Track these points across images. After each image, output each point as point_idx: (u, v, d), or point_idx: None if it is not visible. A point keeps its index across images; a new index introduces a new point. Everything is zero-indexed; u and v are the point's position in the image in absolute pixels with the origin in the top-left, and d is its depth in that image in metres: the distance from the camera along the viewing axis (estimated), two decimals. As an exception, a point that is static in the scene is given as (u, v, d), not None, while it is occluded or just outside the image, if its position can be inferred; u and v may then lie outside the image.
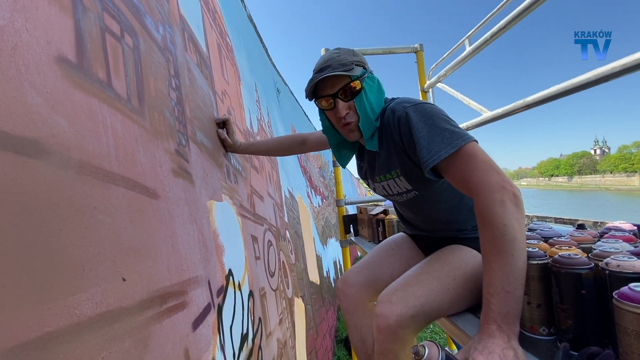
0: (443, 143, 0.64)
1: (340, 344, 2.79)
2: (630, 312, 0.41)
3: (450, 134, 0.65)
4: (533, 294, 0.63)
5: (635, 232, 0.80)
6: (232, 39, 1.63)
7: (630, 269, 0.51)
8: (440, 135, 0.65)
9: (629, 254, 0.57)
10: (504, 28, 1.30)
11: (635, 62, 0.84)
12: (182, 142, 0.74)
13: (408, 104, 0.73)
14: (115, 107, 0.48)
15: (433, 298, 0.72)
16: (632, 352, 0.42)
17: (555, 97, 1.07)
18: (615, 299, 0.43)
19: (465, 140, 0.63)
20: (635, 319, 0.41)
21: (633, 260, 0.53)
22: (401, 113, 0.72)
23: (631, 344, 0.42)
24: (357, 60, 0.77)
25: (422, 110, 0.70)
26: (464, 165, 0.63)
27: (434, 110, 0.70)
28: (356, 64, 0.76)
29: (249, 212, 1.22)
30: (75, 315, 0.32)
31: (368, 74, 0.79)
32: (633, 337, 0.41)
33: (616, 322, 0.44)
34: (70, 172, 0.36)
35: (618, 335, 0.44)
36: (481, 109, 1.52)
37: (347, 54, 0.78)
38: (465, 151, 0.63)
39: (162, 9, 0.80)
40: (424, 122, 0.68)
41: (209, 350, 0.62)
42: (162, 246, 0.53)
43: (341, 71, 0.73)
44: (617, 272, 0.51)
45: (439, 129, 0.66)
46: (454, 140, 0.64)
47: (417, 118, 0.69)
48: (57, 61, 0.38)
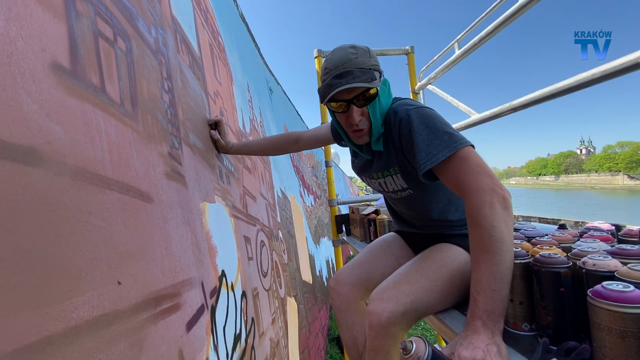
0: (441, 146, 0.66)
1: (332, 342, 2.82)
2: (603, 309, 0.44)
3: (449, 137, 0.66)
4: (516, 291, 0.66)
5: (613, 232, 0.84)
6: (224, 38, 1.62)
7: (605, 267, 0.54)
8: (439, 138, 0.67)
9: (605, 254, 0.60)
10: (491, 33, 1.34)
11: (615, 69, 0.88)
12: (175, 144, 0.75)
13: (410, 107, 0.73)
14: (109, 112, 0.49)
15: (422, 295, 0.74)
16: (604, 346, 0.45)
17: (539, 100, 1.11)
18: (590, 296, 0.46)
19: (462, 144, 0.65)
20: (607, 315, 0.43)
21: (608, 260, 0.56)
22: (403, 115, 0.73)
23: (604, 339, 0.44)
24: (374, 64, 0.74)
25: (424, 114, 0.71)
26: (458, 167, 0.65)
27: (434, 114, 0.72)
28: (374, 69, 0.73)
29: (242, 212, 1.22)
30: (72, 318, 0.33)
31: (382, 78, 0.76)
32: (605, 332, 0.44)
33: (590, 318, 0.46)
34: (66, 178, 0.37)
35: (592, 330, 0.46)
36: (470, 111, 1.56)
37: (364, 55, 0.73)
38: (460, 154, 0.65)
39: (154, 10, 0.80)
40: (425, 125, 0.69)
41: (203, 351, 0.63)
42: (156, 249, 0.53)
43: (363, 81, 0.70)
44: (593, 270, 0.54)
45: (438, 132, 0.67)
46: (452, 144, 0.65)
47: (418, 121, 0.70)
48: (52, 68, 0.38)
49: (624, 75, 0.88)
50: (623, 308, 0.42)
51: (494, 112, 1.35)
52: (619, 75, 0.89)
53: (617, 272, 0.51)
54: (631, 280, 0.48)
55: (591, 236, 0.76)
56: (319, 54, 2.03)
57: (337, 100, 0.74)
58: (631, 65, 0.85)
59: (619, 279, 0.50)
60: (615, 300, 0.43)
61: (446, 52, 1.69)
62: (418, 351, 0.54)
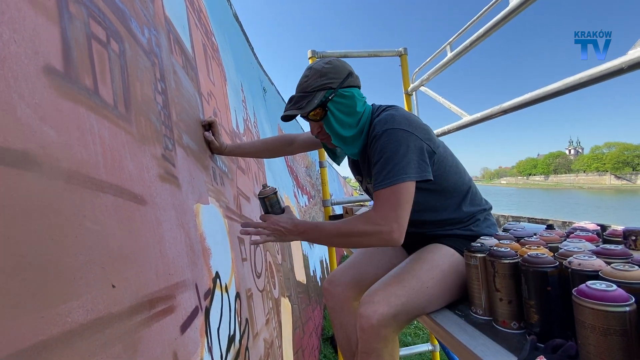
0: (389, 174, 0.75)
1: (326, 342, 2.83)
2: (587, 307, 0.45)
3: (399, 168, 0.74)
4: (505, 291, 0.68)
5: (599, 232, 0.86)
6: (217, 38, 1.62)
7: (590, 267, 0.56)
8: (391, 166, 0.75)
9: (590, 253, 0.62)
10: (482, 36, 1.36)
11: (602, 73, 0.91)
12: (168, 146, 0.75)
13: (387, 127, 0.78)
14: (102, 114, 0.49)
15: (413, 297, 0.76)
16: (588, 343, 0.46)
17: (528, 103, 1.13)
18: (574, 295, 0.48)
19: (403, 179, 0.74)
20: (591, 313, 0.45)
21: (593, 260, 0.58)
22: (378, 132, 0.79)
23: (588, 336, 0.46)
24: (322, 83, 0.81)
25: (393, 138, 0.77)
26: (389, 194, 0.75)
27: (403, 138, 0.76)
28: (320, 89, 0.81)
29: (236, 213, 1.22)
30: (67, 322, 0.33)
31: (336, 93, 0.82)
32: (589, 330, 0.46)
33: (575, 316, 0.48)
34: (60, 182, 0.36)
35: (577, 328, 0.48)
36: (462, 113, 1.58)
37: (314, 77, 0.82)
38: (396, 188, 0.74)
39: (147, 11, 0.79)
40: (388, 149, 0.76)
41: (197, 353, 0.63)
42: (150, 252, 0.53)
43: (295, 109, 0.82)
44: (578, 270, 0.56)
45: (395, 160, 0.75)
46: (398, 175, 0.74)
47: (385, 143, 0.77)
48: (45, 71, 0.38)
49: (608, 80, 0.91)
50: (606, 307, 0.44)
51: (484, 114, 1.37)
52: (605, 80, 0.92)
53: (601, 272, 0.53)
54: (614, 279, 0.50)
55: (577, 236, 0.79)
56: (313, 54, 2.03)
57: (297, 117, 0.89)
58: (616, 70, 0.88)
59: (603, 278, 0.52)
60: (599, 299, 0.45)
61: (438, 54, 1.71)
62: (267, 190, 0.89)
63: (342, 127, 0.84)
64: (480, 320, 0.74)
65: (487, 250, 0.73)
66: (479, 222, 0.93)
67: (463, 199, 0.92)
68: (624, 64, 0.87)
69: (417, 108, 2.08)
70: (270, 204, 0.89)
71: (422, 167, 0.76)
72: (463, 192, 0.92)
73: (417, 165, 0.76)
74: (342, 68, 0.84)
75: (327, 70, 0.82)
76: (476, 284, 0.75)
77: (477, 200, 0.95)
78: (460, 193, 0.92)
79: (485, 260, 0.72)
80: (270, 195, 0.89)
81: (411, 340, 2.90)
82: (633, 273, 0.50)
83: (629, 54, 0.87)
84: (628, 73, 0.88)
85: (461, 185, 0.91)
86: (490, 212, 0.99)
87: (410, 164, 0.75)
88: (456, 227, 0.92)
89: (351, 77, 0.84)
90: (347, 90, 0.83)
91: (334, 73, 0.82)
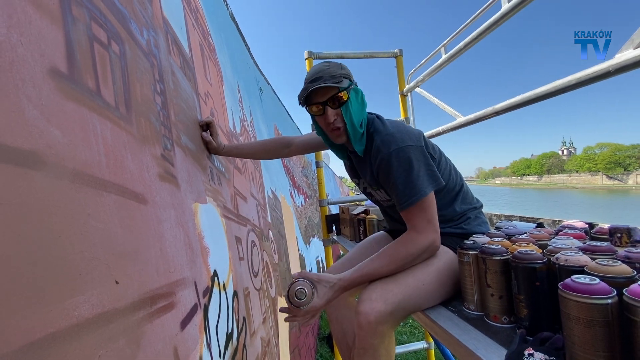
0: (413, 191, 0.80)
1: (322, 341, 2.85)
2: (572, 300, 0.48)
3: (421, 183, 0.80)
4: (496, 286, 0.70)
5: (586, 230, 0.89)
6: (214, 38, 1.62)
7: (576, 262, 0.58)
8: (409, 186, 0.81)
9: (576, 250, 0.65)
10: (475, 39, 1.39)
11: (590, 76, 0.94)
12: (167, 146, 0.76)
13: (392, 148, 0.83)
14: (105, 115, 0.50)
15: (409, 294, 0.78)
16: (573, 335, 0.49)
17: (520, 105, 1.16)
18: (560, 289, 0.50)
19: (424, 194, 0.80)
20: (575, 306, 0.47)
21: (579, 255, 0.60)
22: (385, 155, 0.84)
23: (572, 328, 0.48)
24: (344, 73, 0.87)
25: (403, 158, 0.82)
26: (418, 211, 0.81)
27: (410, 156, 0.81)
28: (344, 77, 0.85)
29: (233, 213, 1.23)
30: (74, 317, 0.34)
31: (353, 86, 0.88)
32: (574, 321, 0.48)
33: (561, 309, 0.50)
34: (65, 181, 0.38)
35: (562, 320, 0.50)
36: (456, 114, 1.61)
37: (335, 67, 0.87)
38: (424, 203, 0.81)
39: (145, 12, 0.80)
40: (401, 170, 0.82)
41: (197, 349, 0.65)
42: (151, 250, 0.54)
43: (332, 82, 0.83)
44: (565, 265, 0.59)
45: (410, 181, 0.81)
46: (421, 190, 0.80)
47: (397, 165, 0.82)
48: (50, 73, 0.39)
49: (595, 83, 0.94)
50: (589, 299, 0.46)
51: (478, 116, 1.40)
52: (593, 83, 0.95)
53: (586, 267, 0.56)
54: (598, 274, 0.52)
55: (566, 234, 0.81)
56: (310, 55, 2.05)
57: (314, 104, 0.86)
58: (603, 73, 0.91)
59: (587, 273, 0.54)
60: (583, 292, 0.47)
61: (433, 56, 1.74)
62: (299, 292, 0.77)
63: (356, 117, 0.88)
64: (472, 315, 0.76)
65: (479, 248, 0.75)
66: (470, 221, 0.95)
67: (455, 198, 0.95)
68: (611, 67, 0.90)
69: (413, 109, 2.11)
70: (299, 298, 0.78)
71: (433, 176, 0.83)
72: (455, 191, 0.96)
73: (429, 176, 0.82)
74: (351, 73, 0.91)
75: (344, 67, 0.90)
76: (469, 280, 0.77)
77: (469, 199, 0.98)
78: (452, 192, 0.95)
79: (477, 257, 0.75)
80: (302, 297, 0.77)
81: (407, 339, 2.93)
82: (616, 268, 0.52)
83: (616, 57, 0.90)
84: (615, 76, 0.91)
85: (453, 184, 0.95)
86: (481, 210, 1.02)
87: (425, 178, 0.81)
88: (448, 225, 0.94)
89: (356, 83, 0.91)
90: (359, 89, 0.90)
91: (349, 71, 0.90)
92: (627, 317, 0.45)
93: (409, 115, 2.11)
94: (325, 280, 0.80)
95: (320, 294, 0.79)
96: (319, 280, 0.80)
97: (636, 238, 0.73)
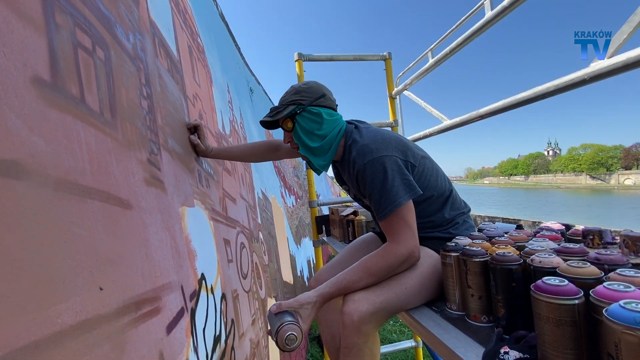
0: (388, 201, 0.82)
1: (313, 341, 2.86)
2: (542, 300, 0.50)
3: (396, 192, 0.82)
4: (476, 287, 0.73)
5: (563, 231, 0.93)
6: (203, 39, 1.62)
7: (549, 264, 0.61)
8: (383, 197, 0.83)
9: (551, 252, 0.68)
10: (461, 44, 1.42)
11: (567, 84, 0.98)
12: (153, 150, 0.76)
13: (366, 160, 0.85)
14: (89, 122, 0.50)
15: (392, 296, 0.80)
16: (544, 333, 0.51)
17: (502, 110, 1.20)
18: (532, 290, 0.53)
19: (398, 204, 0.81)
20: (545, 306, 0.50)
21: (552, 257, 0.63)
22: (359, 167, 0.86)
23: (543, 327, 0.51)
24: (293, 99, 0.93)
25: (375, 169, 0.84)
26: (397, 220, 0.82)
27: (382, 167, 0.83)
28: (290, 103, 0.93)
29: (222, 215, 1.23)
30: (57, 324, 0.34)
31: (305, 109, 0.93)
32: (544, 321, 0.51)
33: (533, 309, 0.53)
34: (49, 189, 0.38)
35: (534, 320, 0.53)
36: (442, 117, 1.65)
37: (290, 93, 0.95)
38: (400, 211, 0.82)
39: (132, 16, 0.80)
40: (374, 182, 0.84)
41: (183, 353, 0.65)
42: (137, 255, 0.55)
43: (269, 116, 0.95)
44: (539, 267, 0.61)
45: (383, 192, 0.83)
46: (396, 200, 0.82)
47: (370, 177, 0.84)
48: (33, 82, 0.39)
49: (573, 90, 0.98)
50: (558, 300, 0.49)
51: (463, 119, 1.44)
52: (569, 90, 0.99)
53: (558, 268, 0.59)
54: (568, 275, 0.55)
55: (543, 235, 0.85)
56: (300, 57, 2.06)
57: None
58: (579, 81, 0.95)
59: (559, 274, 0.57)
60: (552, 293, 0.49)
61: (420, 60, 1.77)
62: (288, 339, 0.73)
63: (309, 138, 0.94)
64: (454, 315, 0.78)
65: (460, 250, 0.78)
66: (458, 226, 0.98)
67: (444, 204, 0.97)
68: (586, 75, 0.94)
69: (401, 111, 2.14)
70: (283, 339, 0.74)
71: (409, 186, 0.84)
72: (444, 197, 0.97)
73: (404, 186, 0.83)
74: (317, 89, 0.95)
75: (302, 89, 0.95)
76: (451, 281, 0.79)
77: (457, 205, 1.00)
78: (441, 198, 0.97)
79: (458, 259, 0.77)
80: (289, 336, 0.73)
81: (396, 338, 2.97)
82: (585, 270, 0.55)
83: (591, 66, 0.94)
84: (590, 84, 0.96)
85: (442, 191, 0.96)
86: (469, 214, 1.05)
87: (400, 187, 0.82)
88: (437, 229, 0.96)
89: (323, 99, 0.95)
90: (315, 109, 0.94)
91: (307, 92, 0.94)
92: (593, 317, 0.48)
93: (397, 117, 2.14)
94: (305, 302, 0.80)
95: (304, 318, 0.78)
96: (300, 305, 0.79)
97: (607, 240, 0.77)
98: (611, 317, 0.42)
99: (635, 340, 0.39)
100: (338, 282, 0.82)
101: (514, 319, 0.65)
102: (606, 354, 0.44)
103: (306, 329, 0.78)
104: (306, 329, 0.78)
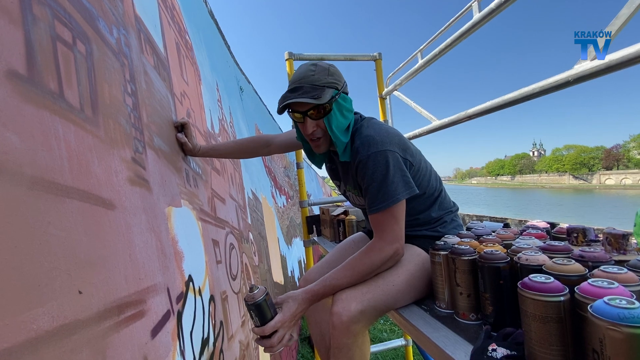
0: (384, 197, 0.80)
1: (304, 342, 2.85)
2: (528, 298, 0.51)
3: (394, 189, 0.80)
4: (464, 285, 0.73)
5: (548, 230, 0.95)
6: (192, 36, 1.59)
7: (535, 262, 0.62)
8: (384, 190, 0.81)
9: (537, 250, 0.69)
10: (450, 45, 1.44)
11: (551, 85, 1.00)
12: (138, 149, 0.74)
13: (371, 151, 0.81)
14: (68, 118, 0.48)
15: (380, 295, 0.80)
16: (530, 330, 0.52)
17: (489, 111, 1.22)
18: (519, 287, 0.53)
19: (397, 199, 0.80)
20: (531, 303, 0.51)
21: (538, 255, 0.64)
22: (362, 156, 0.82)
23: (530, 324, 0.52)
24: (330, 81, 0.81)
25: (379, 163, 0.81)
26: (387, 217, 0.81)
27: (386, 161, 0.81)
28: (328, 86, 0.80)
29: (210, 215, 1.21)
30: (32, 330, 0.33)
31: (340, 95, 0.83)
32: (531, 318, 0.51)
33: (520, 306, 0.53)
34: (23, 188, 0.36)
35: (521, 317, 0.53)
36: (431, 118, 1.66)
37: (321, 73, 0.81)
38: (393, 210, 0.81)
39: (116, 10, 0.78)
40: (375, 174, 0.81)
41: (169, 357, 0.63)
42: (119, 256, 0.53)
43: (309, 98, 0.78)
44: (525, 265, 0.62)
45: (383, 186, 0.81)
46: (392, 197, 0.80)
47: (372, 168, 0.81)
48: (8, 76, 0.37)
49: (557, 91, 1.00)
50: (544, 297, 0.50)
51: (451, 120, 1.45)
52: (554, 92, 1.01)
53: (544, 266, 0.60)
54: (553, 272, 0.56)
55: (529, 234, 0.86)
56: (290, 56, 2.05)
57: (294, 112, 0.83)
58: (563, 82, 0.97)
59: (545, 271, 0.58)
60: (538, 290, 0.50)
61: (410, 60, 1.78)
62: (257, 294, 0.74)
63: (340, 127, 0.84)
64: (443, 313, 0.79)
65: (449, 248, 0.78)
66: (446, 224, 0.99)
67: (433, 203, 0.97)
68: (570, 77, 0.96)
69: (391, 111, 2.16)
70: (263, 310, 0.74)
71: (408, 184, 0.82)
72: (434, 196, 0.98)
73: (404, 183, 0.82)
74: (341, 74, 0.86)
75: (333, 71, 0.84)
76: (440, 279, 0.80)
77: (446, 204, 1.01)
78: (431, 197, 0.97)
79: (447, 258, 0.78)
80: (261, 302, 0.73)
81: (387, 337, 2.98)
82: (570, 267, 0.56)
83: (575, 68, 0.96)
84: (574, 85, 0.98)
85: (433, 190, 0.97)
86: (457, 213, 1.06)
87: (399, 184, 0.81)
88: (424, 227, 0.97)
89: (346, 85, 0.87)
90: (347, 96, 0.86)
91: (337, 76, 0.85)
92: (578, 313, 0.49)
93: (387, 117, 2.15)
94: (288, 296, 0.80)
95: (284, 310, 0.77)
96: (285, 298, 0.80)
97: (590, 237, 0.79)
98: (596, 313, 0.43)
99: (620, 336, 0.40)
100: (324, 280, 0.82)
101: (501, 316, 0.66)
102: (591, 349, 0.44)
103: (285, 319, 0.76)
104: (285, 319, 0.76)
